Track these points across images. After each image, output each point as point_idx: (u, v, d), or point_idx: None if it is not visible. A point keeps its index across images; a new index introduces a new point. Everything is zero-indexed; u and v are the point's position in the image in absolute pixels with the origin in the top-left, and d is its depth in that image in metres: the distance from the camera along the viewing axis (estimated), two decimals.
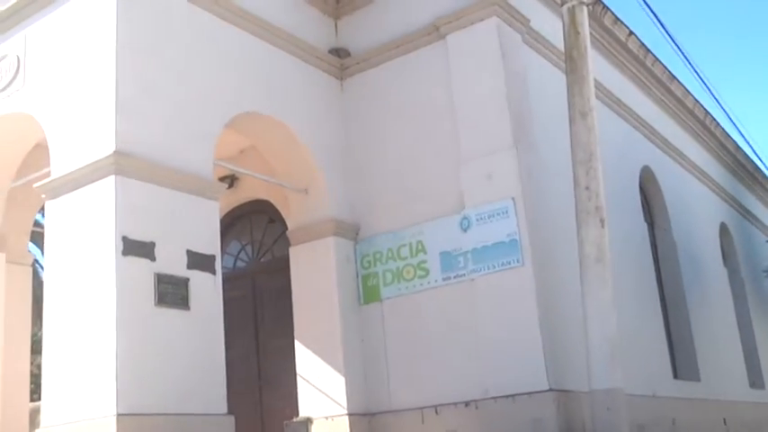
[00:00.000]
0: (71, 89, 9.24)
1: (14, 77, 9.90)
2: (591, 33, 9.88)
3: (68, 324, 8.53)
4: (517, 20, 10.95)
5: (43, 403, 8.63)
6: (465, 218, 10.31)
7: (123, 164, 8.52)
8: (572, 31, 9.52)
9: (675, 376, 14.15)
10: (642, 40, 14.86)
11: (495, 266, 9.98)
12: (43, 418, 8.54)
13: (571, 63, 9.48)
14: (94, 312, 8.26)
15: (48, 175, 9.25)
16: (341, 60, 11.79)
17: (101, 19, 9.09)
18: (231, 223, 13.33)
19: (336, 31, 12.09)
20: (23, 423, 11.33)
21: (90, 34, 9.19)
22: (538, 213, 10.15)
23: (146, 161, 8.77)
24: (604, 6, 13.38)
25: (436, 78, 10.97)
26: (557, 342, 9.67)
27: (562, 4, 9.50)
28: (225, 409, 8.90)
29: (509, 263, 9.87)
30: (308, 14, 11.71)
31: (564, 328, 9.79)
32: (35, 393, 12.90)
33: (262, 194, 12.60)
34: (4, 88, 9.99)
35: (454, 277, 10.34)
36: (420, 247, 10.69)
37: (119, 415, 7.77)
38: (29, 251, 12.39)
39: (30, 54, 9.84)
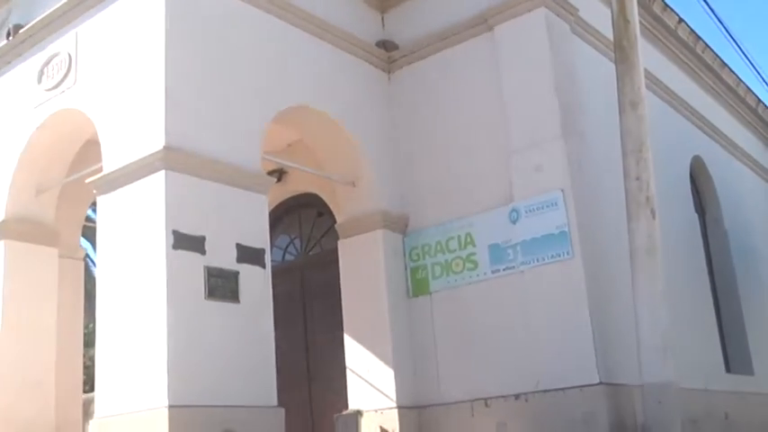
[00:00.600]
0: (122, 86, 9.34)
1: (66, 75, 10.06)
2: (640, 21, 9.78)
3: (120, 317, 8.65)
4: (565, 9, 10.84)
5: (96, 395, 8.75)
6: (514, 210, 10.23)
7: (173, 159, 8.60)
8: (621, 19, 9.43)
9: (728, 370, 13.94)
10: (692, 26, 14.64)
11: (544, 259, 9.89)
12: (96, 409, 8.66)
13: (621, 53, 9.39)
14: (146, 305, 8.35)
15: (99, 170, 9.37)
16: (388, 53, 11.77)
17: (150, 16, 9.17)
18: (280, 217, 13.39)
19: (383, 23, 12.07)
20: (77, 414, 11.52)
21: (140, 31, 9.28)
22: (587, 205, 10.03)
23: (195, 156, 8.84)
24: None
25: (484, 70, 10.89)
26: (607, 335, 9.56)
27: None
28: (275, 402, 8.95)
29: (559, 255, 9.77)
30: (354, 8, 11.71)
31: (614, 320, 9.69)
32: (87, 385, 13.11)
33: (310, 188, 12.63)
34: (57, 85, 10.15)
35: (503, 270, 10.26)
36: (469, 239, 10.64)
37: (170, 406, 7.85)
38: (81, 246, 12.57)
39: (81, 51, 9.97)
